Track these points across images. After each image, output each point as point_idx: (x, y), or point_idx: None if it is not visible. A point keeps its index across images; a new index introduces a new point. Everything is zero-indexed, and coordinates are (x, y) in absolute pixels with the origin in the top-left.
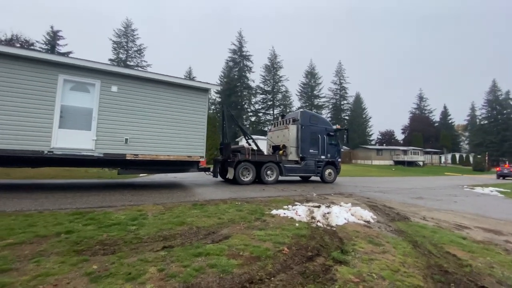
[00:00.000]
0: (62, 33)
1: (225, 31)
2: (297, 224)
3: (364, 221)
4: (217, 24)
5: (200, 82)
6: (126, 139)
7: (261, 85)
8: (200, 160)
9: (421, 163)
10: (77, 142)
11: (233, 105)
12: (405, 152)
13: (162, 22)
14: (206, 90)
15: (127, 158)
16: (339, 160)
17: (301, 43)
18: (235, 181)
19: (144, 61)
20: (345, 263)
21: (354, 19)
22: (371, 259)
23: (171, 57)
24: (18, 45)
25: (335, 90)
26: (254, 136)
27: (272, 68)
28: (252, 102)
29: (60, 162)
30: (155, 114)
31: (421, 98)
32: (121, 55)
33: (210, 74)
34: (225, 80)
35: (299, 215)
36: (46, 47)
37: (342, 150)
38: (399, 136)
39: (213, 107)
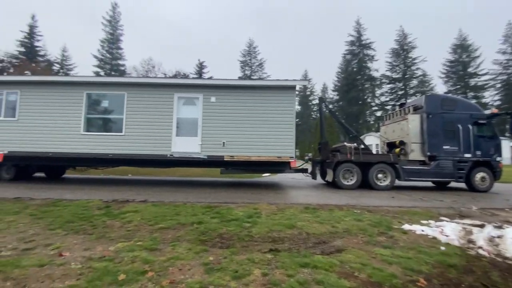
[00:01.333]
0: (206, 63)
1: (340, 26)
2: (442, 248)
3: None
4: (329, 20)
5: (285, 80)
6: (223, 142)
7: (388, 73)
8: (290, 160)
9: None
10: (188, 147)
11: (353, 101)
12: None
13: (275, 27)
14: (292, 88)
15: (225, 159)
16: (499, 159)
17: (444, 11)
18: (335, 185)
19: (264, 73)
20: None
21: None
22: None
23: (286, 60)
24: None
25: (504, 62)
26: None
27: (402, 51)
28: (377, 95)
29: (177, 163)
30: (245, 118)
31: None
32: (246, 72)
33: (327, 73)
34: (342, 76)
35: (447, 235)
36: (196, 75)
37: None
38: None
39: (330, 106)
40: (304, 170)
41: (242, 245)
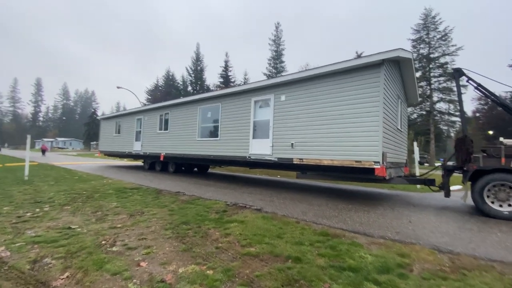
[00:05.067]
0: (365, 53)
1: None
2: None
3: None
4: None
5: (365, 56)
6: (292, 144)
7: None
8: (374, 166)
9: None
10: (262, 149)
11: None
12: None
13: None
14: (376, 66)
15: (294, 162)
16: None
17: None
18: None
19: (453, 45)
20: None
21: None
22: None
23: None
24: None
25: None
26: None
27: None
28: None
29: (254, 164)
30: (315, 114)
31: None
32: (422, 51)
33: None
34: None
35: None
36: None
37: None
38: None
39: None
40: (429, 182)
41: None
